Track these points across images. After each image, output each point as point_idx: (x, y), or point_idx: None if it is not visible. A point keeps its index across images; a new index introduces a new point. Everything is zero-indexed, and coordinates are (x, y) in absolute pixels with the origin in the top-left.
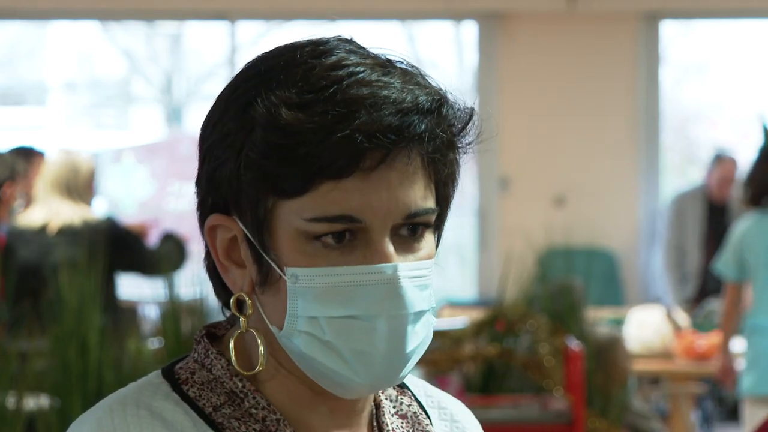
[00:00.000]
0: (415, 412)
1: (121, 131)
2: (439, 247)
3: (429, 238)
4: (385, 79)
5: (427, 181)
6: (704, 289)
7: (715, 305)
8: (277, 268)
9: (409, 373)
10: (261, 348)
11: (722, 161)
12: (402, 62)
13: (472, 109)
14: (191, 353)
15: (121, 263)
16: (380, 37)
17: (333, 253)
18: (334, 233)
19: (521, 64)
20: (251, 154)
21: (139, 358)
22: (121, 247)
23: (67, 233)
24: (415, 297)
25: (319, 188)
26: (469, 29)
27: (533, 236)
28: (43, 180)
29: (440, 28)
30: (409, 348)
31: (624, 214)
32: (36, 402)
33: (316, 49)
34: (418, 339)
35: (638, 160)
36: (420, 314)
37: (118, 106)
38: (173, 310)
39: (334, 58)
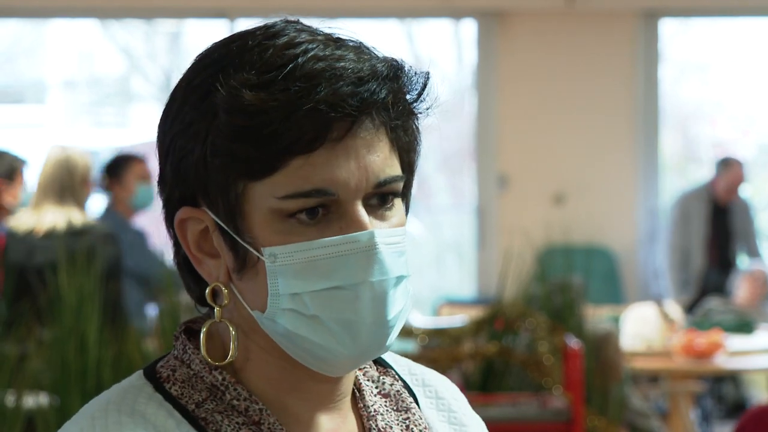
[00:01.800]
0: (398, 391)
1: (120, 129)
2: (438, 242)
3: (399, 206)
4: (339, 52)
5: (390, 149)
6: (705, 289)
7: (714, 303)
8: (253, 251)
9: (392, 343)
10: (233, 336)
11: (730, 165)
12: (352, 40)
13: (428, 73)
14: (172, 350)
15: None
16: (379, 35)
17: (309, 230)
18: (308, 209)
19: (520, 63)
20: (217, 140)
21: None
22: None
23: (54, 236)
24: (393, 263)
25: (288, 165)
26: (469, 27)
27: (532, 234)
28: (38, 178)
29: (439, 27)
30: (392, 314)
31: (623, 213)
32: (35, 400)
33: (267, 32)
34: (399, 306)
35: (637, 159)
36: (399, 279)
37: (118, 104)
38: (172, 307)
39: (285, 38)
